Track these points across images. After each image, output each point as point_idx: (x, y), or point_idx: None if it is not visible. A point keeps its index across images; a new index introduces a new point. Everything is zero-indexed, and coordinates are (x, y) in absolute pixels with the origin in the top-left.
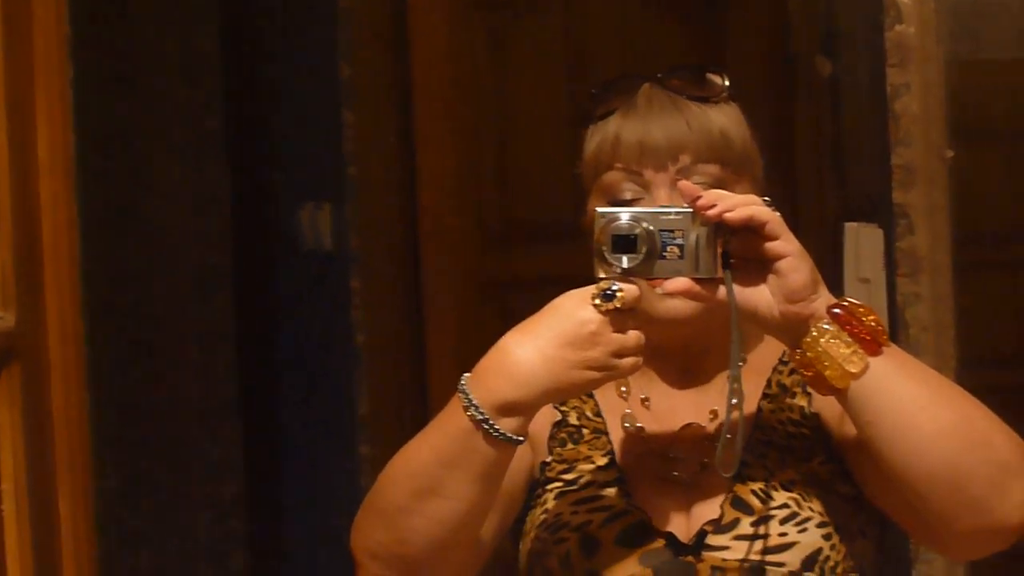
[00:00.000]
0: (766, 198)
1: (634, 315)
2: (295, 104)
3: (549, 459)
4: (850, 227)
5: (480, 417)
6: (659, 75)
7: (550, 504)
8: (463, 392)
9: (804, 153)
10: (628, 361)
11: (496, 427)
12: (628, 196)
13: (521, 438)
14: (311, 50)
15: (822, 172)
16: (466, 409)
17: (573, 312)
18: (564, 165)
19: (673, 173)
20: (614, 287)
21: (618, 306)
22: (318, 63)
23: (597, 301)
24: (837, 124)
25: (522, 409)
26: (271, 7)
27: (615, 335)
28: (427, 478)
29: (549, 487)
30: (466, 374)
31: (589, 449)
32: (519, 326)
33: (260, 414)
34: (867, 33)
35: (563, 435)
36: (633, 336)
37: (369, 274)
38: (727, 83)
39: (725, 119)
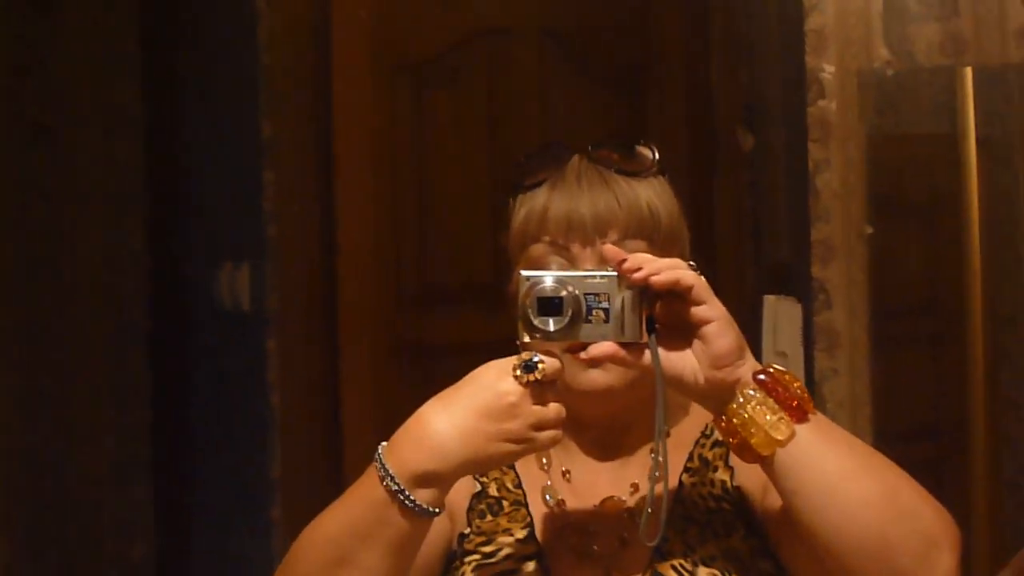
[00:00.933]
0: (691, 263)
1: (555, 387)
2: (215, 162)
3: (468, 531)
4: (769, 300)
5: (395, 488)
6: (589, 147)
7: None
8: (379, 461)
9: (724, 225)
10: (547, 434)
11: (411, 498)
12: (554, 268)
13: (436, 510)
14: (233, 107)
15: (741, 244)
16: (382, 479)
17: (493, 383)
18: (483, 230)
19: (600, 249)
20: (535, 358)
21: (539, 378)
22: (240, 121)
23: (518, 372)
24: (757, 197)
25: (438, 481)
26: (194, 63)
27: (535, 408)
28: (340, 548)
29: (467, 559)
30: (383, 443)
31: (508, 521)
32: (438, 396)
33: (172, 474)
34: (788, 108)
35: (482, 507)
36: (553, 409)
37: (285, 335)
38: (657, 156)
39: (653, 194)
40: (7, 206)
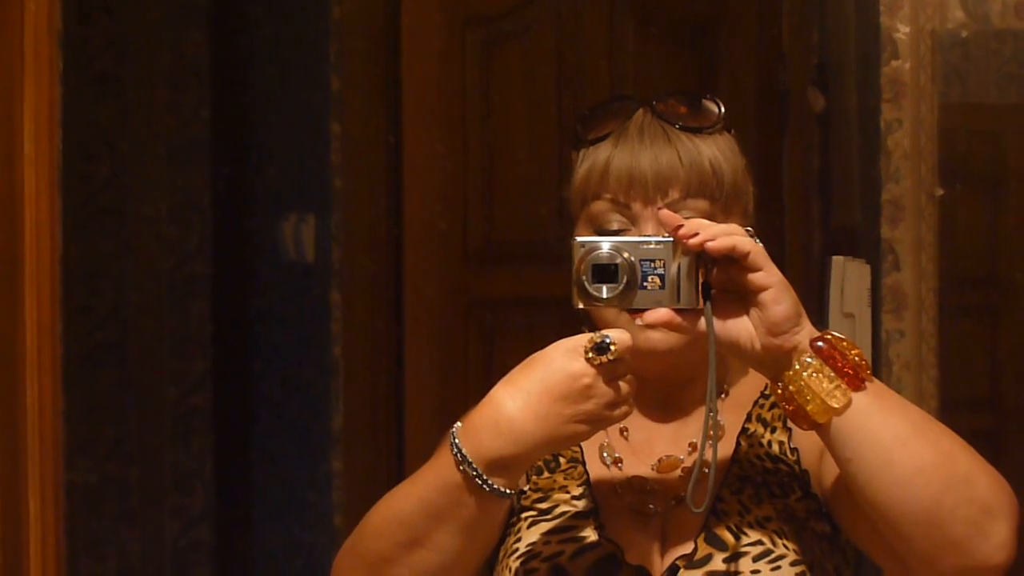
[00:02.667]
0: (748, 228)
1: (627, 363)
2: (283, 114)
3: (525, 488)
4: (837, 261)
5: (472, 473)
6: (653, 101)
7: (523, 533)
8: (454, 446)
9: (792, 186)
10: (621, 410)
11: (489, 482)
12: (615, 227)
13: (511, 492)
14: (302, 61)
15: (810, 205)
16: (458, 464)
17: (565, 366)
18: (550, 185)
19: (662, 207)
20: (607, 339)
21: (611, 359)
22: (308, 74)
23: (590, 355)
24: (826, 158)
25: (514, 465)
26: (263, 16)
27: (608, 387)
28: (413, 529)
29: (523, 515)
30: (457, 424)
31: (565, 479)
32: (509, 378)
33: (233, 424)
34: (860, 68)
35: (540, 463)
36: (625, 386)
37: (350, 287)
38: (722, 112)
39: (717, 151)
40: (74, 156)
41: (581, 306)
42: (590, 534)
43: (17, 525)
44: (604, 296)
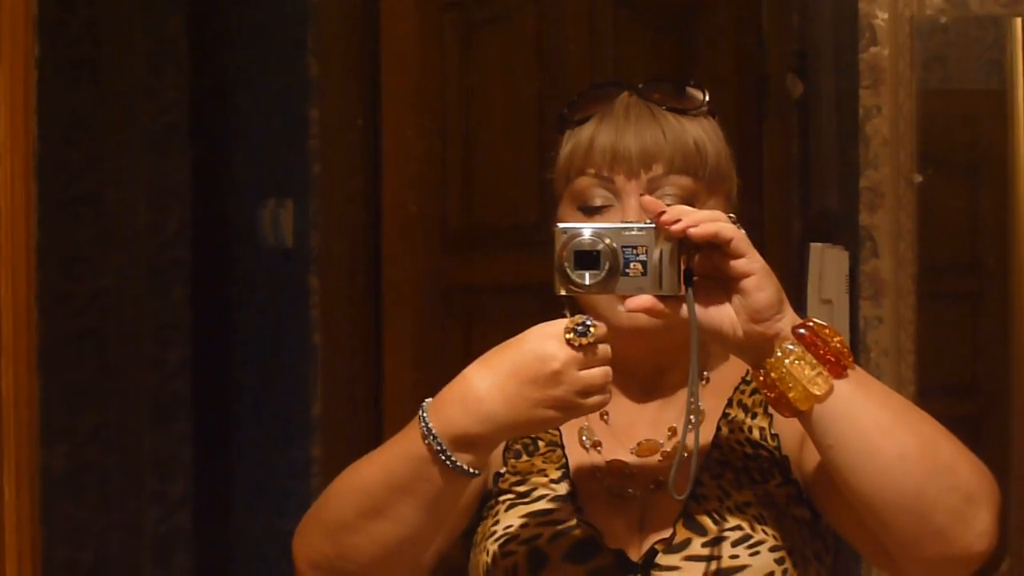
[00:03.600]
0: (731, 215)
1: (606, 351)
2: (262, 99)
3: (503, 470)
4: (815, 248)
5: (437, 447)
6: (639, 85)
7: (501, 516)
8: (423, 419)
9: (771, 172)
10: (593, 399)
11: (452, 459)
12: (598, 203)
13: (476, 472)
14: (280, 46)
15: (789, 192)
16: (424, 437)
17: (538, 348)
18: (529, 170)
19: (645, 182)
20: (588, 322)
21: (591, 341)
22: (287, 59)
23: (570, 335)
24: (806, 144)
25: (480, 443)
26: (241, 1)
27: (581, 373)
28: (376, 499)
29: (502, 499)
30: (428, 400)
31: (544, 462)
32: (484, 357)
33: (212, 410)
34: (839, 54)
35: (518, 447)
36: (600, 373)
37: (329, 273)
38: (707, 98)
39: (701, 132)
40: (53, 141)
41: (563, 292)
42: (568, 517)
43: None
44: (587, 282)
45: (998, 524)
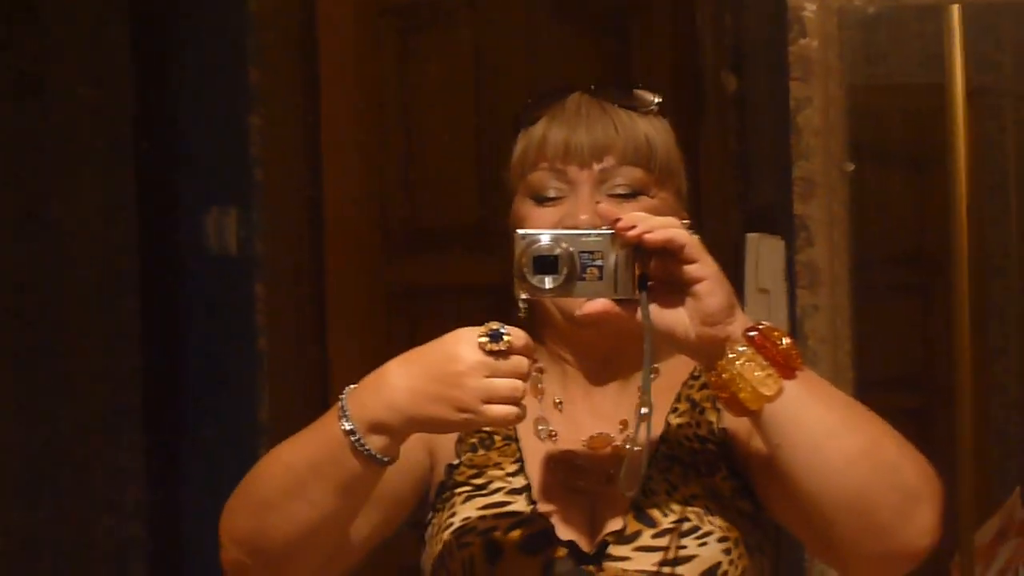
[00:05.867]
0: (686, 221)
1: (521, 362)
2: (203, 108)
3: (457, 462)
4: (751, 238)
5: (349, 429)
6: (591, 86)
7: (457, 508)
8: (342, 403)
9: (709, 167)
10: (498, 409)
11: (363, 443)
12: (552, 194)
13: (387, 459)
14: (220, 54)
15: (727, 186)
16: (340, 420)
17: (450, 348)
18: (470, 173)
19: (597, 172)
20: (502, 330)
21: (502, 348)
22: (226, 67)
23: (483, 339)
24: (742, 138)
25: (389, 431)
26: (181, 10)
27: (485, 380)
28: (294, 478)
29: (458, 491)
30: (351, 386)
31: (499, 456)
32: (407, 352)
33: (162, 419)
34: (771, 48)
35: (474, 440)
36: (506, 384)
37: (273, 279)
38: (657, 99)
39: (652, 128)
40: None
41: (524, 296)
42: (523, 510)
43: None
44: (546, 287)
45: (941, 522)
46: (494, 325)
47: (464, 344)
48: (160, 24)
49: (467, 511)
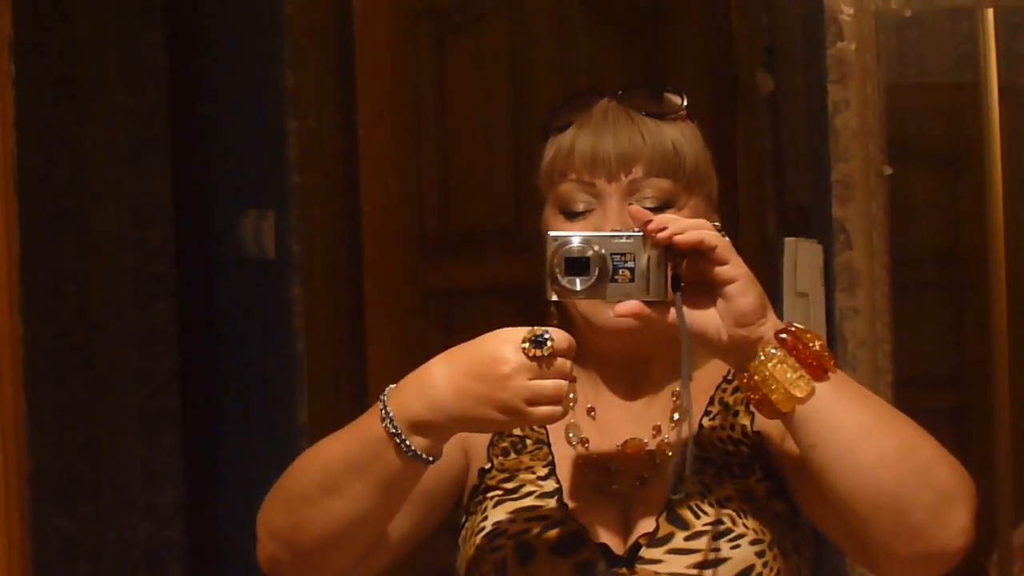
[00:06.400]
0: (716, 223)
1: (564, 364)
2: (239, 112)
3: (489, 466)
4: (789, 242)
5: (393, 430)
6: (619, 91)
7: (489, 512)
8: (383, 402)
9: (745, 168)
10: (542, 410)
11: (407, 442)
12: (581, 207)
13: (430, 458)
14: (256, 58)
15: (762, 187)
16: (382, 419)
17: (492, 349)
18: (505, 174)
19: (625, 184)
20: (545, 335)
21: (545, 354)
22: (263, 72)
23: (526, 345)
24: (777, 139)
25: (433, 430)
26: (216, 15)
27: (531, 382)
28: (333, 475)
29: (489, 495)
30: (391, 385)
31: (531, 460)
32: (447, 351)
33: (200, 421)
34: (808, 50)
35: (505, 444)
36: (551, 386)
37: (311, 282)
38: (685, 102)
39: (680, 135)
40: (33, 160)
41: (555, 298)
42: (555, 513)
43: None
44: (577, 288)
45: (975, 522)
46: (538, 330)
47: (508, 345)
48: (196, 27)
49: (498, 515)
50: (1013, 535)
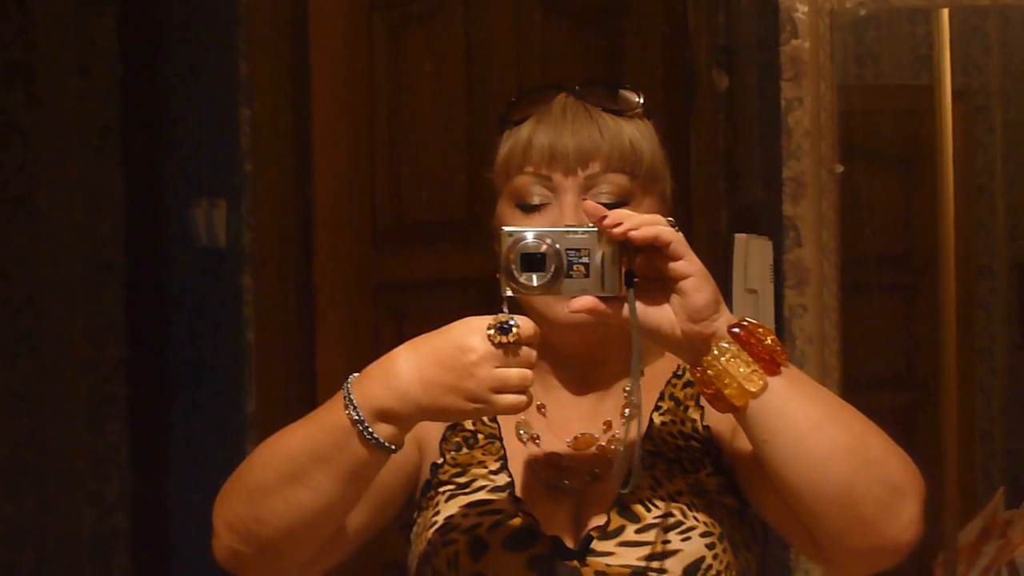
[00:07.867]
0: (670, 219)
1: (528, 352)
2: (193, 99)
3: (441, 461)
4: (740, 238)
5: (356, 418)
6: (576, 87)
7: (441, 506)
8: (346, 391)
9: (698, 165)
10: (507, 398)
11: (371, 431)
12: (536, 201)
13: (394, 447)
14: (210, 46)
15: (715, 184)
16: (345, 407)
17: (460, 338)
18: (459, 167)
19: (582, 179)
20: (511, 321)
21: (511, 340)
22: (217, 59)
23: (491, 332)
24: (731, 137)
25: (397, 419)
26: (171, 2)
27: (497, 371)
28: (295, 465)
29: (441, 490)
30: (354, 374)
31: (483, 454)
32: (413, 340)
33: (148, 410)
34: (763, 48)
35: (458, 439)
36: (516, 374)
37: (261, 271)
38: (642, 100)
39: (637, 132)
40: None
41: (510, 293)
42: (508, 507)
43: None
44: (533, 284)
45: (923, 515)
46: (503, 317)
47: (476, 335)
48: (150, 15)
49: (451, 509)
50: (959, 535)
